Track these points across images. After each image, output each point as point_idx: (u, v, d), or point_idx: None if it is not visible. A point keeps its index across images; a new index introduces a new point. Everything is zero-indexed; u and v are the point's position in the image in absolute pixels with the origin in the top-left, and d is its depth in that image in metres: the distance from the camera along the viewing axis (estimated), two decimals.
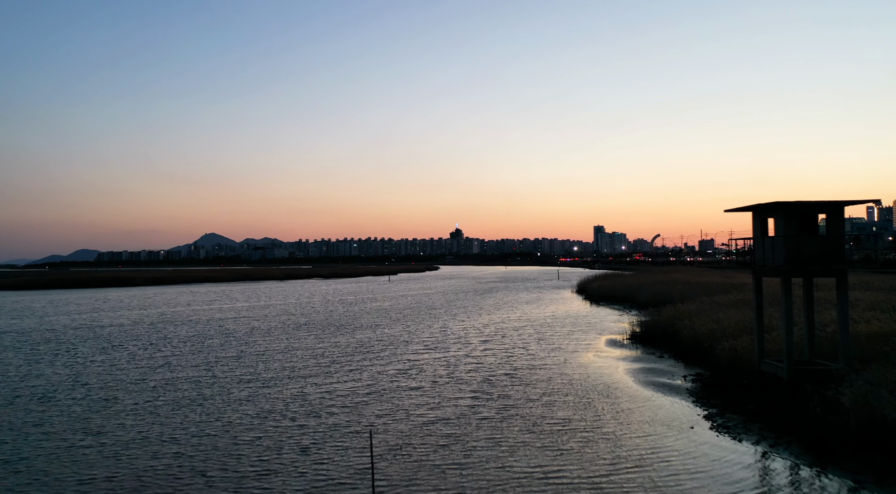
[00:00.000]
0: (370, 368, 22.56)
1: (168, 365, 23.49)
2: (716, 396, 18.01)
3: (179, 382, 20.28)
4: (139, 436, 14.13)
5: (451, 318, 41.35)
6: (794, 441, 13.31)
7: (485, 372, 21.69)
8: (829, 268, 16.51)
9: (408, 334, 32.61)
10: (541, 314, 44.03)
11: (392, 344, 28.67)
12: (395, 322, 39.24)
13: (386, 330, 34.80)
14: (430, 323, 37.98)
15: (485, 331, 33.53)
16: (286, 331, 34.16)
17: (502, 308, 50.11)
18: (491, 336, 31.57)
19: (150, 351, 27.33)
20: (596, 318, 40.32)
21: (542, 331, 33.30)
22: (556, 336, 31.42)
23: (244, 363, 23.86)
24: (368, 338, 30.94)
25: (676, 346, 26.14)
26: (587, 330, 33.59)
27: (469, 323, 37.81)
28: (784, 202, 16.47)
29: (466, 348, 27.37)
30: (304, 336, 32.16)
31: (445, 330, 34.12)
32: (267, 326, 37.00)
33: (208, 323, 39.40)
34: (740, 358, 19.43)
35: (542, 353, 25.77)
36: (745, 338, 20.64)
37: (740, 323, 23.38)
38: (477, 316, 43.21)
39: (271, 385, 19.72)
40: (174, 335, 32.99)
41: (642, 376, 21.12)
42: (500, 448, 13.13)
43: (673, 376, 21.07)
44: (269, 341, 30.13)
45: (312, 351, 26.67)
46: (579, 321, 38.68)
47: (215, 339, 31.02)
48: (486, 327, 35.71)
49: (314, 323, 38.45)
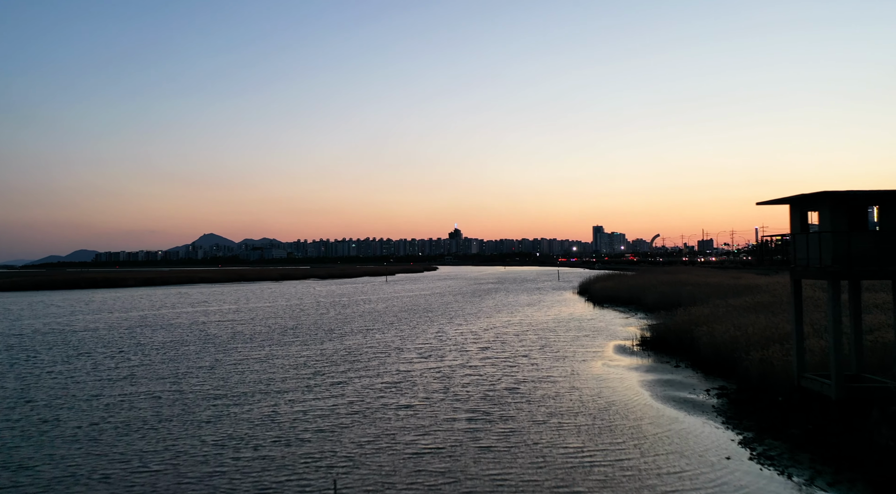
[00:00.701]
0: (356, 381, 20.21)
1: (131, 378, 21.12)
2: (748, 416, 15.68)
3: (138, 399, 17.92)
4: (65, 474, 11.74)
5: (447, 322, 39.01)
6: (860, 480, 10.97)
7: (484, 385, 19.34)
8: (886, 270, 14.17)
9: (401, 340, 30.28)
10: (543, 317, 41.71)
11: (383, 352, 26.33)
12: (389, 326, 36.90)
13: (377, 335, 32.45)
14: (425, 328, 35.64)
15: (484, 337, 31.20)
16: (270, 337, 31.81)
17: (502, 310, 47.79)
18: (490, 342, 29.24)
19: (116, 360, 24.95)
20: (601, 322, 38.00)
21: (545, 337, 30.98)
22: (561, 342, 29.09)
23: (217, 374, 21.50)
24: (358, 345, 28.60)
25: (693, 354, 23.84)
26: (593, 336, 31.27)
27: (467, 328, 35.48)
28: (832, 192, 14.11)
29: (464, 356, 25.03)
30: (289, 342, 29.81)
31: (441, 336, 31.78)
32: (251, 331, 34.63)
33: (189, 327, 37.03)
34: (773, 372, 17.06)
35: (547, 363, 23.43)
36: (776, 348, 18.28)
37: (766, 331, 21.02)
38: (475, 319, 40.89)
39: (241, 402, 17.38)
40: (148, 341, 30.62)
41: (660, 389, 18.81)
42: (502, 491, 10.80)
43: (694, 390, 18.76)
44: (249, 348, 27.78)
45: (295, 360, 24.32)
46: (584, 325, 36.36)
47: (191, 346, 28.66)
48: (485, 332, 33.37)
49: (302, 328, 36.10)
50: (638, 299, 51.40)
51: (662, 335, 27.60)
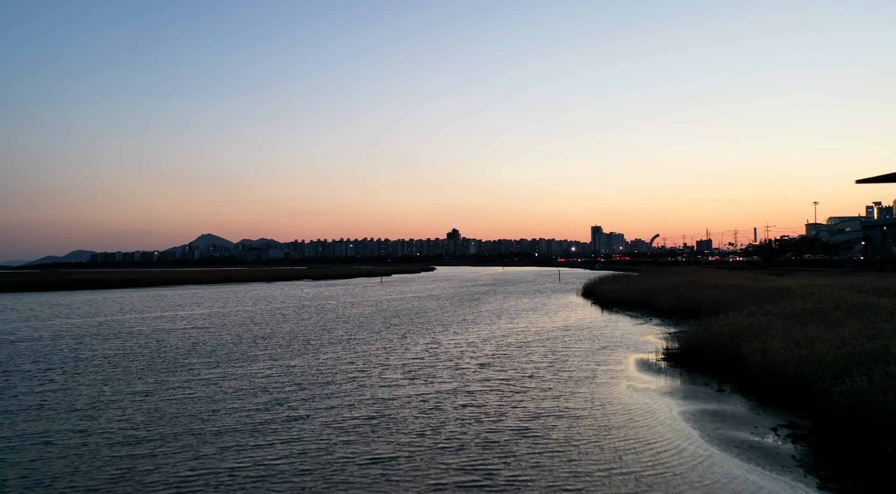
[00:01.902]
0: (321, 415, 15.82)
1: (40, 408, 16.70)
2: (851, 476, 11.35)
3: (26, 443, 13.50)
4: None
5: (441, 330, 34.63)
6: None
7: (484, 424, 14.95)
8: None
9: (385, 353, 25.89)
10: (549, 324, 37.33)
11: (362, 371, 21.95)
12: (375, 335, 32.50)
13: (360, 346, 28.06)
14: (415, 338, 31.25)
15: (483, 350, 26.81)
16: (234, 350, 27.41)
17: (503, 316, 43.40)
18: (491, 357, 24.86)
19: (35, 381, 20.51)
20: (615, 330, 33.64)
21: (555, 349, 26.61)
22: (573, 356, 24.74)
23: (146, 406, 17.08)
24: (334, 360, 24.20)
25: (740, 375, 19.52)
26: (609, 347, 26.92)
27: (463, 338, 31.09)
28: None
29: (459, 377, 20.64)
30: (255, 356, 25.42)
31: (434, 348, 27.39)
32: (215, 342, 30.21)
33: (149, 336, 32.60)
34: (875, 409, 12.72)
35: (560, 386, 19.07)
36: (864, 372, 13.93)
37: (842, 348, 16.63)
38: (473, 327, 36.50)
39: (166, 445, 12.99)
40: (89, 355, 26.18)
41: (711, 427, 14.49)
42: None
43: (756, 428, 14.42)
44: (203, 365, 23.37)
45: (252, 383, 19.92)
46: (596, 333, 31.99)
47: (138, 361, 24.24)
48: (485, 343, 28.99)
49: (276, 337, 31.69)
50: (651, 303, 47.11)
51: (694, 348, 23.27)
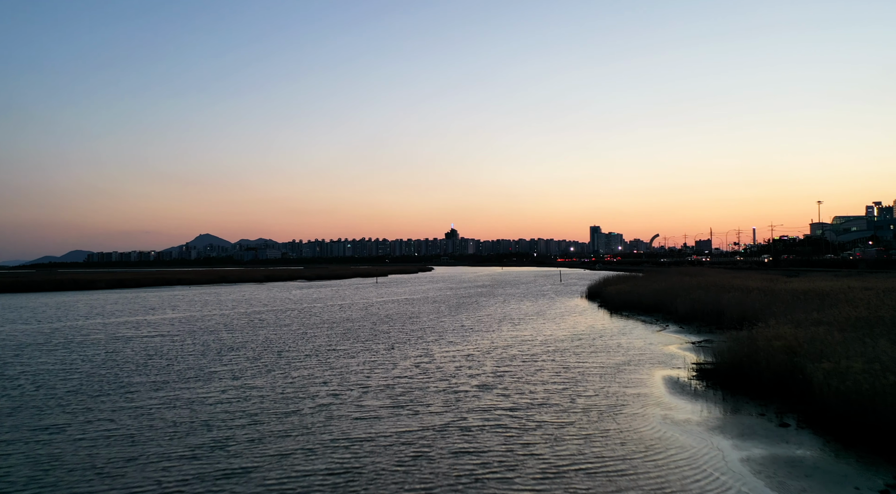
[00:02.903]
0: (266, 469, 11.92)
1: None
2: None
3: None
4: None
5: (436, 339, 30.75)
6: None
7: (487, 485, 11.04)
8: None
9: (367, 371, 22.01)
10: (556, 332, 33.44)
11: (336, 395, 18.07)
12: (358, 345, 28.63)
13: (339, 361, 24.18)
14: (405, 350, 27.37)
15: (483, 366, 22.90)
16: (193, 363, 23.51)
17: (504, 322, 39.49)
18: (492, 376, 20.96)
19: None
20: (631, 339, 29.76)
21: (567, 365, 22.73)
22: (590, 374, 20.87)
23: (57, 443, 13.18)
24: (306, 380, 20.31)
25: (801, 401, 15.68)
26: (630, 362, 23.05)
27: (460, 350, 27.20)
28: None
29: (453, 407, 16.75)
30: (214, 372, 21.53)
31: (425, 364, 23.50)
32: (175, 353, 26.31)
33: (100, 346, 28.70)
34: None
35: (580, 419, 15.19)
36: None
37: None
38: (471, 335, 32.62)
39: None
40: (18, 371, 22.25)
41: (794, 487, 10.62)
42: None
43: (859, 490, 10.55)
44: (148, 385, 19.47)
45: (196, 413, 16.03)
46: (610, 343, 28.12)
47: (69, 381, 20.30)
48: (485, 357, 25.10)
49: (246, 348, 27.81)
50: (664, 306, 43.19)
51: (734, 365, 19.37)
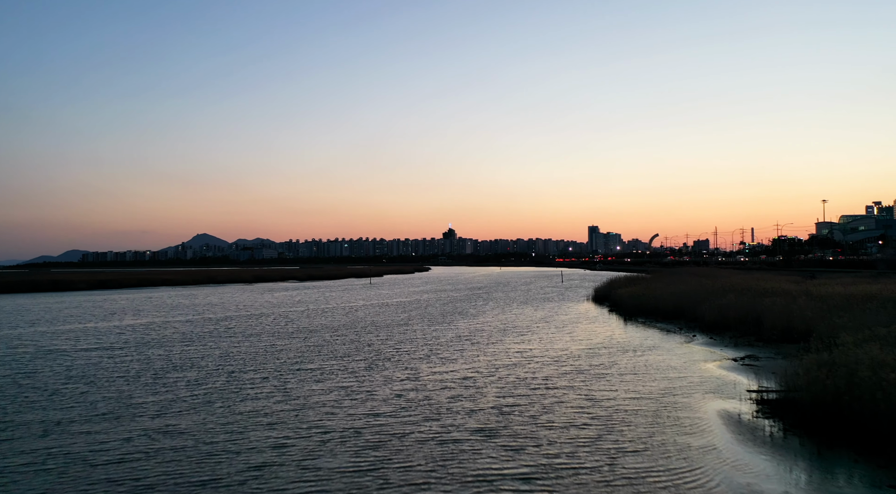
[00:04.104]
0: None
1: None
2: None
3: None
4: None
5: (426, 355, 25.90)
6: None
7: None
8: None
9: (334, 403, 17.14)
10: (570, 345, 28.56)
11: (281, 449, 13.19)
12: (332, 362, 23.79)
13: (303, 387, 19.32)
14: (387, 369, 22.51)
15: (484, 397, 18.01)
16: (121, 388, 18.64)
17: (507, 332, 34.61)
18: (496, 414, 16.06)
19: None
20: (661, 355, 24.89)
21: (593, 396, 17.84)
22: (625, 410, 16.01)
23: None
24: (251, 417, 15.45)
25: None
26: (671, 391, 18.18)
27: (455, 370, 22.34)
28: None
29: (442, 472, 11.87)
30: (141, 403, 16.66)
31: (411, 392, 18.63)
32: (108, 374, 21.40)
33: (22, 363, 23.83)
34: None
35: (621, 486, 10.35)
36: None
37: None
38: (470, 350, 27.76)
39: None
40: None
41: None
42: None
43: None
44: (49, 424, 14.59)
45: (77, 473, 11.18)
46: (638, 363, 23.25)
47: None
48: (487, 382, 20.22)
49: (195, 367, 22.95)
50: (686, 312, 38.36)
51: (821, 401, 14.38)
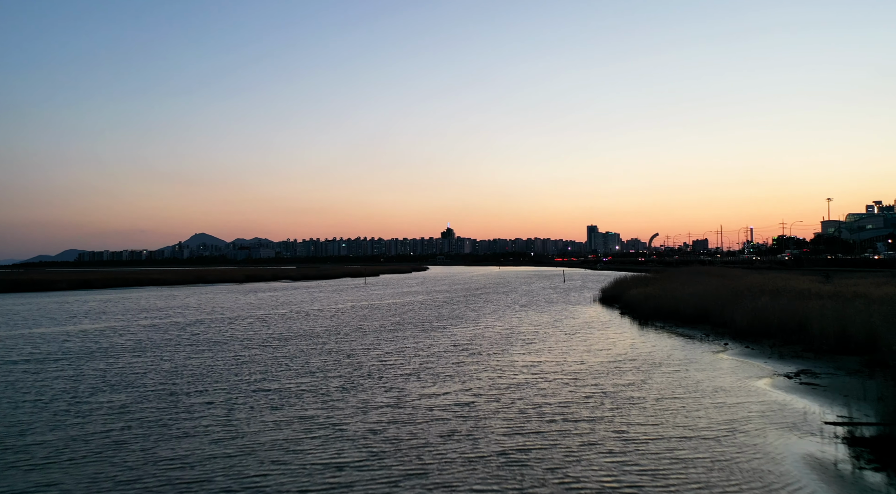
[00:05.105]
0: None
1: None
2: None
3: None
4: None
5: (416, 370, 21.80)
6: None
7: None
8: None
9: (298, 435, 13.02)
10: (588, 358, 24.43)
11: None
12: (301, 380, 19.68)
13: (253, 421, 15.22)
14: (366, 391, 18.40)
15: (489, 433, 13.87)
16: (19, 420, 14.54)
17: (512, 341, 30.47)
18: (508, 462, 11.90)
19: None
20: (700, 372, 20.74)
21: (627, 432, 13.69)
22: (672, 457, 11.85)
23: None
24: (185, 463, 11.35)
25: None
26: (726, 423, 14.06)
27: (451, 393, 18.21)
28: None
29: None
30: (34, 445, 12.58)
31: (392, 427, 14.51)
32: (18, 397, 17.32)
33: None
34: None
35: None
36: None
37: None
38: (468, 364, 23.64)
39: None
40: None
41: None
42: None
43: None
44: None
45: None
46: (674, 382, 19.12)
47: None
48: (491, 410, 16.10)
49: (136, 386, 18.86)
50: (711, 316, 34.23)
51: None
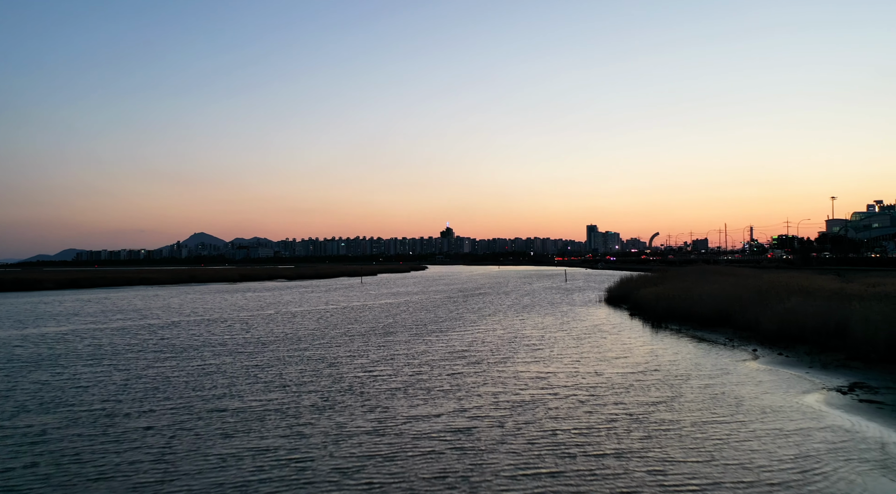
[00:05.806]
0: None
1: None
2: None
3: None
4: None
5: (407, 383, 18.86)
6: None
7: None
8: None
9: (254, 476, 10.07)
10: (605, 368, 21.44)
11: None
12: (272, 394, 16.74)
13: (202, 452, 12.28)
14: (347, 412, 15.45)
15: (491, 477, 10.93)
16: None
17: (516, 347, 27.49)
18: None
19: None
20: (734, 383, 17.81)
21: (666, 472, 10.70)
22: None
23: None
24: None
25: None
26: (799, 464, 11.10)
27: (445, 415, 15.25)
28: None
29: None
30: None
31: (372, 461, 11.55)
32: None
33: None
34: None
35: None
36: None
37: None
38: (468, 375, 20.67)
39: None
40: None
41: None
42: None
43: None
44: None
45: None
46: (710, 399, 16.19)
47: None
48: (493, 437, 13.13)
49: (76, 402, 15.96)
50: (733, 319, 31.29)
51: None
